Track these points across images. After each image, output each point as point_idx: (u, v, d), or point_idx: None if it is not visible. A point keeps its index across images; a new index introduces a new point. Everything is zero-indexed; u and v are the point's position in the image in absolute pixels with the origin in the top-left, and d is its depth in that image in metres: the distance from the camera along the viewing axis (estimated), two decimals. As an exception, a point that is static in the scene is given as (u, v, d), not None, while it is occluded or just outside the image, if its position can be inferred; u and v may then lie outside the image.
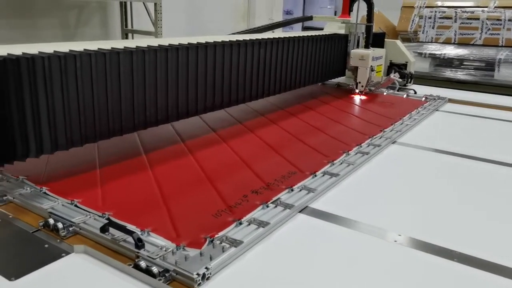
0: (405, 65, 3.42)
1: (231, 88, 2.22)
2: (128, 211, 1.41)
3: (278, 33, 2.95)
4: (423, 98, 3.37)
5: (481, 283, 1.17)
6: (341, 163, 1.92)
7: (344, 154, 2.04)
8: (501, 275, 1.19)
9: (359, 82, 3.15)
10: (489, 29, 4.28)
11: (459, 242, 1.34)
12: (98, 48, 1.63)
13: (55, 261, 1.14)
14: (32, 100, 1.43)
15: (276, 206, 1.47)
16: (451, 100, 3.38)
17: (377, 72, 3.14)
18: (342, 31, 3.43)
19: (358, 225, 1.43)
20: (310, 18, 3.60)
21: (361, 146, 2.17)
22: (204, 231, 1.30)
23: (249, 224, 1.35)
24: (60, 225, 1.28)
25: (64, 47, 1.57)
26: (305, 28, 9.21)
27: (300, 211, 1.49)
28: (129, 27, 4.74)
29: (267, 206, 1.48)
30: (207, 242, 1.23)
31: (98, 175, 1.67)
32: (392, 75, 3.30)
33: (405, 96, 3.43)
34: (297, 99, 3.06)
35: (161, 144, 2.03)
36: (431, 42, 4.52)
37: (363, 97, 3.24)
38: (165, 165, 1.80)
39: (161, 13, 4.21)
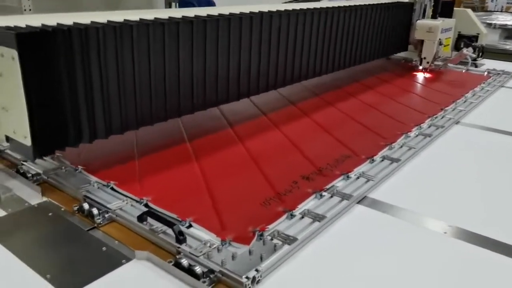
0: (476, 37, 3.05)
1: (287, 66, 2.00)
2: (167, 197, 1.29)
3: (335, 2, 2.67)
4: (485, 73, 3.06)
5: None
6: (401, 147, 1.72)
7: (403, 136, 1.84)
8: None
9: (424, 58, 2.80)
10: None
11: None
12: (155, 18, 1.47)
13: (115, 269, 0.98)
14: (85, 77, 1.26)
15: (331, 196, 1.31)
16: (517, 76, 3.06)
17: (445, 46, 2.81)
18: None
19: (425, 221, 1.25)
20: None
21: (421, 127, 1.95)
22: (252, 223, 1.16)
23: (302, 217, 1.19)
24: (95, 211, 1.16)
25: (110, 16, 1.41)
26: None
27: (358, 202, 1.33)
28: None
29: (321, 196, 1.32)
30: (256, 237, 1.09)
31: (136, 158, 1.53)
32: (465, 50, 2.96)
33: (464, 71, 3.13)
34: (352, 76, 2.78)
35: (205, 128, 1.84)
36: (501, 11, 4.08)
37: (427, 75, 2.90)
38: (209, 149, 1.63)
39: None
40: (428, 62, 2.80)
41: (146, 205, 1.23)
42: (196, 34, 1.55)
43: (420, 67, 2.89)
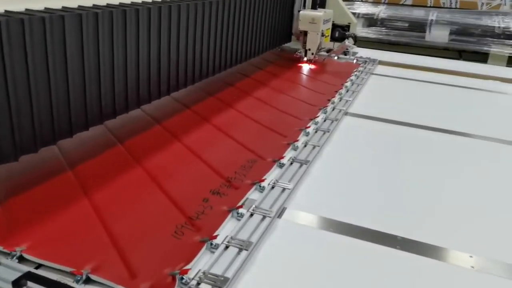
0: (348, 27, 3.15)
1: (187, 65, 1.80)
2: (50, 243, 1.00)
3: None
4: (354, 61, 3.21)
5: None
6: (305, 146, 1.65)
7: (303, 133, 1.77)
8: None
9: (309, 49, 2.81)
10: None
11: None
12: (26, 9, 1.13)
13: None
14: None
15: (252, 215, 1.16)
16: (381, 62, 3.27)
17: (326, 36, 2.83)
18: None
19: (349, 228, 1.18)
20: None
21: (317, 122, 1.91)
22: (168, 262, 0.96)
23: (227, 247, 1.02)
24: None
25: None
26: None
27: (278, 216, 1.20)
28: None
29: (239, 214, 1.16)
30: (177, 282, 0.89)
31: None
32: (347, 41, 3.05)
33: (336, 58, 3.24)
34: (241, 71, 2.62)
35: (88, 148, 1.48)
36: (362, 1, 4.35)
37: (312, 66, 2.89)
38: (98, 175, 1.32)
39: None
40: (312, 54, 2.81)
41: (21, 258, 0.94)
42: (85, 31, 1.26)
43: (305, 59, 2.88)
